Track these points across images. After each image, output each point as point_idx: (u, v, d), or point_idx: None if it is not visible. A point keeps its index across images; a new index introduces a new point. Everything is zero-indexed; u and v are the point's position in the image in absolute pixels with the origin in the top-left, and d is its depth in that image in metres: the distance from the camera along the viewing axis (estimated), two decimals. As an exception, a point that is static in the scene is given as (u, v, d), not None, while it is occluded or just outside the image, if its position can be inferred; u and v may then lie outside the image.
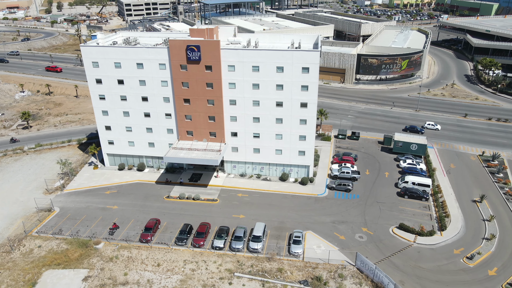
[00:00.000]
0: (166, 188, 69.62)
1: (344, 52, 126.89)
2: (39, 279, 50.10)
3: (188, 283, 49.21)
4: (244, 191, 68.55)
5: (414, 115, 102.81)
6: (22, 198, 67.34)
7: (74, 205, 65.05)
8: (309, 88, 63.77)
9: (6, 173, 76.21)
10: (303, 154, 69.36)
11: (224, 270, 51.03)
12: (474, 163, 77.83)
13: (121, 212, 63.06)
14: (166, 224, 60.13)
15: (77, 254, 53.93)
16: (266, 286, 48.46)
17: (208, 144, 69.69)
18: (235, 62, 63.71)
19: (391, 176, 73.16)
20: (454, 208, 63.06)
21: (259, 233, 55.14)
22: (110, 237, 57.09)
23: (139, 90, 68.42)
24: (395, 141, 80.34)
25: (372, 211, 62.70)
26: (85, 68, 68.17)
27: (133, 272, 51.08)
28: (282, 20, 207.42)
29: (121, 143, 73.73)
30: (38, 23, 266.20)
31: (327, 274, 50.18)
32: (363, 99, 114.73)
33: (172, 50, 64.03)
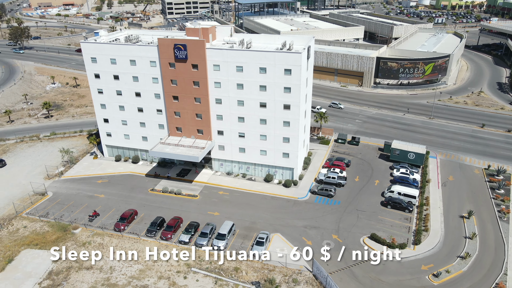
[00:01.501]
0: (153, 181, 72.20)
1: (363, 55, 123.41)
2: (16, 256, 54.35)
3: (146, 273, 51.12)
4: (226, 189, 69.45)
5: (426, 122, 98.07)
6: (24, 182, 72.79)
7: (66, 191, 69.44)
8: (291, 90, 63.31)
9: (18, 157, 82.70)
10: (287, 156, 68.99)
11: (183, 264, 52.38)
12: (476, 177, 73.09)
13: (106, 201, 66.41)
14: (143, 216, 62.55)
15: (55, 236, 57.75)
16: (219, 284, 49.18)
17: (195, 141, 71.33)
18: (219, 61, 64.72)
19: (381, 184, 70.68)
20: (436, 222, 59.87)
21: (224, 232, 55.86)
22: (88, 224, 60.44)
23: (133, 86, 71.49)
24: (392, 148, 77.40)
25: (348, 219, 61.13)
26: (85, 63, 72.41)
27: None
28: (314, 20, 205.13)
29: (118, 135, 77.43)
30: (86, 20, 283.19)
31: (282, 278, 49.89)
32: (378, 103, 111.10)
33: (161, 49, 66.29)
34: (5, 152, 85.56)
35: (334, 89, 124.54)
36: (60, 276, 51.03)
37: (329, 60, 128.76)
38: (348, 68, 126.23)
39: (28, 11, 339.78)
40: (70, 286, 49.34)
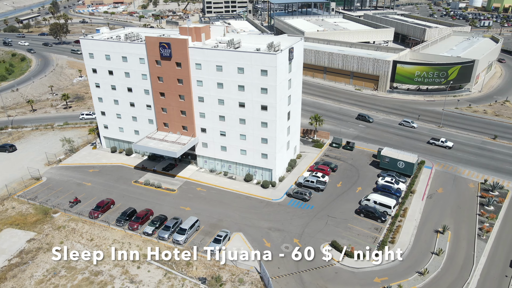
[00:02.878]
0: (140, 173, 75.14)
1: (379, 58, 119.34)
2: (-3, 233, 59.31)
3: (104, 260, 53.65)
4: (204, 186, 70.77)
5: (434, 131, 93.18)
6: (26, 166, 78.67)
7: (58, 178, 74.23)
8: (268, 91, 63.20)
9: (28, 143, 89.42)
10: (266, 157, 68.92)
11: (141, 255, 54.37)
12: (469, 191, 68.64)
13: (90, 189, 70.20)
14: (119, 205, 65.45)
15: (35, 219, 62.15)
16: (167, 276, 50.60)
17: (180, 137, 73.27)
18: (201, 60, 66.02)
19: (362, 192, 68.51)
20: (407, 235, 57.19)
21: (185, 227, 57.16)
22: (68, 209, 64.33)
23: (125, 81, 74.79)
24: (381, 156, 74.65)
25: (316, 224, 60.07)
26: (84, 59, 76.84)
27: (68, 242, 57.35)
28: (345, 21, 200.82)
29: (113, 128, 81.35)
30: (129, 18, 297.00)
31: (229, 277, 50.33)
32: (388, 108, 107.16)
33: (148, 46, 68.83)
34: (20, 138, 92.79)
35: (347, 92, 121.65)
36: (29, 255, 54.99)
37: (344, 63, 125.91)
38: (364, 71, 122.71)
39: (81, 8, 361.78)
40: (34, 265, 53.08)
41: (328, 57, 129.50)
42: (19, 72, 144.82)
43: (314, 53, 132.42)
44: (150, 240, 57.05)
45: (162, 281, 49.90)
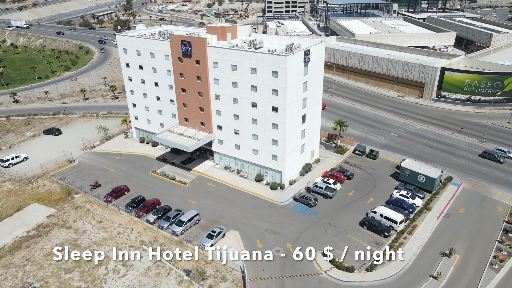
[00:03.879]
0: (159, 164, 78.86)
1: (426, 64, 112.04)
2: (25, 207, 66.12)
3: (107, 241, 57.55)
4: (215, 181, 72.34)
5: (473, 145, 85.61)
6: (65, 149, 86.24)
7: (88, 162, 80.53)
8: (279, 93, 62.86)
9: (72, 128, 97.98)
10: (276, 159, 68.61)
11: (139, 241, 57.44)
12: (495, 214, 62.35)
13: (112, 175, 75.25)
14: (133, 193, 69.41)
15: (58, 197, 68.27)
16: (157, 264, 52.90)
17: (198, 133, 75.63)
18: (218, 59, 67.50)
19: (373, 203, 65.37)
20: (408, 254, 53.63)
21: (184, 219, 59.13)
22: (88, 192, 69.69)
23: (152, 76, 78.87)
24: (402, 168, 70.50)
25: (315, 231, 58.70)
26: (119, 53, 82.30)
27: (80, 221, 62.29)
28: (405, 24, 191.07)
29: (142, 119, 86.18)
30: (193, 16, 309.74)
31: (213, 272, 51.29)
32: (430, 118, 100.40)
33: (172, 44, 71.89)
34: (67, 123, 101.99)
35: (388, 99, 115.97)
36: (45, 229, 60.69)
37: (389, 67, 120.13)
38: (409, 77, 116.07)
39: (152, 6, 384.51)
40: (46, 239, 58.50)
41: (372, 61, 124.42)
42: (82, 63, 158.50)
43: (358, 56, 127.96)
44: (150, 228, 59.93)
45: (150, 268, 52.32)
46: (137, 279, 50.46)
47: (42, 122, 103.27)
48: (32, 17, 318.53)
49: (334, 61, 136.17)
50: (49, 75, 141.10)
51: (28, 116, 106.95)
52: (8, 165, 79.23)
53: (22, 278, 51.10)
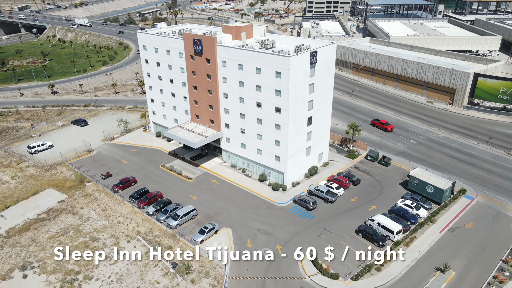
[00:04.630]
0: (170, 159, 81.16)
1: (458, 69, 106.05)
2: (41, 192, 70.77)
3: (106, 229, 60.35)
4: (219, 179, 73.31)
5: (499, 158, 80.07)
6: (88, 139, 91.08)
7: (105, 153, 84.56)
8: (281, 94, 62.54)
9: (98, 121, 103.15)
10: (278, 159, 68.30)
11: (135, 231, 59.68)
12: (506, 232, 58.09)
13: (124, 167, 78.54)
14: (140, 185, 72.09)
15: (72, 184, 72.40)
16: (147, 254, 54.67)
17: (207, 130, 77.00)
18: (226, 58, 68.30)
19: (375, 211, 63.23)
20: (399, 267, 51.47)
21: (180, 213, 60.61)
22: (99, 181, 73.29)
23: (168, 73, 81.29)
24: (410, 177, 67.59)
25: (307, 235, 57.90)
26: (140, 50, 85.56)
27: (87, 209, 65.74)
28: (448, 26, 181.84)
29: (159, 114, 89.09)
30: (233, 14, 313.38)
31: (199, 267, 52.23)
32: (457, 127, 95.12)
33: (185, 42, 73.69)
34: (95, 115, 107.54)
35: (416, 104, 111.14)
36: (54, 213, 64.68)
37: (419, 71, 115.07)
38: (439, 83, 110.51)
39: (197, 5, 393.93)
40: (53, 223, 62.33)
41: (401, 64, 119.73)
42: (119, 58, 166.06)
43: (388, 59, 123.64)
44: (148, 220, 62.02)
45: (141, 258, 54.17)
46: (126, 267, 52.53)
47: (72, 113, 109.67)
48: (86, 14, 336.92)
49: (363, 63, 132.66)
50: (87, 69, 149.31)
51: (61, 107, 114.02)
52: (34, 151, 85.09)
53: (25, 257, 54.91)
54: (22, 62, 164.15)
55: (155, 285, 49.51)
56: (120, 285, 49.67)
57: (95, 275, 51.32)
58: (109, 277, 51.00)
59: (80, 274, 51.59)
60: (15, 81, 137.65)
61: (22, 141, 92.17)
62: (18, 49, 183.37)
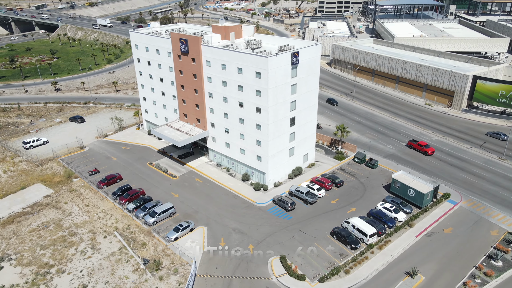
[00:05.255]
0: (158, 157, 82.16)
1: (457, 71, 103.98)
2: (29, 186, 72.69)
3: (85, 224, 61.60)
4: (203, 177, 73.86)
5: (490, 162, 78.28)
6: (82, 136, 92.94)
7: (96, 149, 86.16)
8: (261, 94, 62.61)
9: (95, 118, 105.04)
10: (260, 159, 68.39)
11: (113, 226, 60.75)
12: (485, 238, 56.82)
13: (113, 163, 79.88)
14: (125, 181, 73.23)
15: (59, 179, 74.07)
16: (121, 251, 55.62)
17: (193, 128, 77.67)
18: (210, 58, 68.76)
19: (355, 213, 62.74)
20: (369, 270, 50.95)
21: (157, 211, 61.37)
22: (86, 177, 74.77)
23: (158, 72, 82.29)
24: (393, 180, 66.77)
25: (281, 236, 57.85)
26: (132, 49, 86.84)
27: (70, 204, 67.22)
28: (458, 27, 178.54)
29: (151, 113, 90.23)
30: (244, 14, 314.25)
31: (169, 264, 52.84)
32: (452, 130, 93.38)
33: (172, 42, 74.49)
34: (93, 112, 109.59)
35: (413, 106, 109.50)
36: (39, 208, 66.32)
37: (418, 73, 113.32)
38: (438, 85, 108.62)
39: (210, 4, 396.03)
40: (36, 217, 63.93)
41: (401, 66, 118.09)
42: (124, 57, 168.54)
43: (388, 60, 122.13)
44: (128, 216, 62.99)
45: (114, 253, 55.16)
46: (99, 262, 53.54)
47: (72, 110, 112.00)
48: (100, 13, 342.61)
49: (361, 64, 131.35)
50: (92, 67, 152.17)
51: (62, 104, 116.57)
52: (29, 147, 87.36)
53: (4, 249, 56.54)
54: (31, 59, 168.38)
55: (124, 281, 50.34)
56: (90, 279, 50.68)
57: (67, 269, 52.48)
58: (81, 271, 52.08)
59: (54, 267, 52.83)
60: (21, 78, 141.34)
61: (20, 136, 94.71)
62: (29, 46, 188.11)
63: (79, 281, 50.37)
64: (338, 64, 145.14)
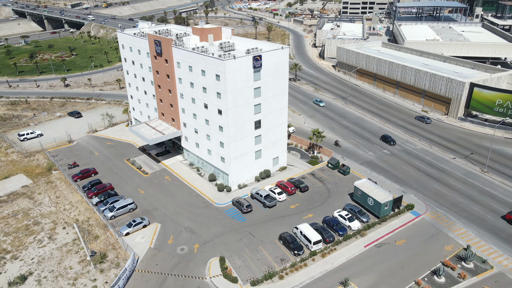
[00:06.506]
0: (137, 153, 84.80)
1: (453, 78, 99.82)
2: (12, 176, 77.31)
3: (50, 215, 64.90)
4: (173, 176, 75.58)
5: (471, 174, 74.92)
6: (74, 130, 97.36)
7: (84, 144, 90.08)
8: (221, 96, 63.38)
9: (92, 114, 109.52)
10: (223, 161, 69.19)
11: (74, 218, 63.63)
12: (436, 253, 54.69)
13: (94, 158, 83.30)
14: (100, 176, 76.29)
15: (40, 171, 78.26)
16: (74, 242, 58.24)
17: (168, 127, 79.61)
18: (180, 59, 70.28)
19: (311, 219, 62.21)
20: (303, 277, 50.56)
21: (116, 206, 63.68)
22: (65, 170, 78.51)
23: (140, 72, 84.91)
24: (355, 187, 65.57)
25: (229, 237, 58.41)
26: (120, 49, 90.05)
27: (43, 194, 70.96)
28: (479, 31, 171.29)
29: (137, 110, 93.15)
30: (266, 14, 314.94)
31: (113, 257, 54.86)
32: (442, 139, 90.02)
33: (149, 43, 76.68)
34: (92, 108, 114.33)
35: (408, 113, 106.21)
36: (14, 197, 70.46)
37: (417, 79, 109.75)
38: (435, 91, 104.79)
39: (237, 4, 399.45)
40: (9, 205, 68.02)
41: (401, 70, 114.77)
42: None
43: (388, 64, 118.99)
44: (90, 210, 65.75)
45: (67, 244, 57.89)
46: (50, 252, 56.42)
47: (74, 105, 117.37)
48: (132, 12, 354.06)
49: (366, 68, 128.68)
50: (103, 64, 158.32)
51: (66, 99, 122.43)
52: (23, 139, 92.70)
53: (-29, 233, 60.80)
54: (51, 55, 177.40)
55: (67, 271, 52.83)
56: (38, 267, 53.57)
57: (21, 256, 55.70)
58: (32, 259, 55.12)
59: (10, 253, 56.22)
60: (37, 73, 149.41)
61: (20, 128, 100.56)
62: (52, 43, 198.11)
63: (27, 268, 53.36)
64: (342, 67, 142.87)
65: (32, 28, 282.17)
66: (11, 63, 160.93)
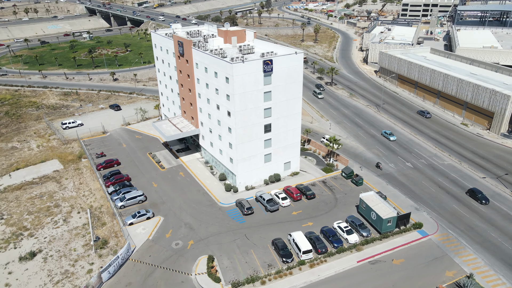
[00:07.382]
0: (160, 148, 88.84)
1: (498, 90, 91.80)
2: (48, 160, 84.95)
3: (70, 200, 70.53)
4: (187, 172, 78.22)
5: (498, 197, 68.72)
6: (111, 122, 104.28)
7: (115, 135, 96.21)
8: (230, 98, 64.46)
9: (131, 107, 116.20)
10: (232, 161, 70.29)
11: (89, 205, 68.56)
12: (434, 278, 51.23)
13: (122, 150, 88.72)
14: (122, 167, 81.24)
15: (71, 158, 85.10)
16: (84, 227, 62.83)
17: (188, 125, 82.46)
18: (198, 60, 72.50)
19: (310, 228, 61.28)
20: (286, 284, 50.10)
21: (127, 196, 67.55)
22: (92, 159, 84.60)
23: (167, 70, 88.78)
24: (360, 199, 63.33)
25: (224, 238, 59.45)
26: (153, 48, 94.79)
27: (69, 180, 77.19)
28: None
29: (166, 107, 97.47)
30: (320, 15, 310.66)
31: (113, 245, 58.41)
32: (476, 156, 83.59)
33: (174, 43, 79.94)
34: (133, 102, 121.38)
35: (444, 125, 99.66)
36: (45, 179, 77.47)
37: (459, 89, 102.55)
38: (478, 104, 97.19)
39: (294, 4, 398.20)
40: (38, 187, 74.94)
41: (443, 79, 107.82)
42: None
43: (430, 72, 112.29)
44: (105, 198, 70.40)
45: (78, 228, 62.69)
46: (62, 233, 61.48)
47: (117, 99, 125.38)
48: (192, 11, 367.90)
49: (407, 75, 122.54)
50: (151, 61, 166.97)
51: (111, 92, 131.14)
52: (65, 127, 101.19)
53: (2, 210, 67.95)
54: (108, 51, 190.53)
55: (71, 252, 57.28)
56: (47, 246, 58.69)
57: (36, 234, 61.37)
58: (45, 238, 60.49)
59: (28, 231, 62.17)
60: (92, 67, 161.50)
61: (66, 117, 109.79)
62: (111, 40, 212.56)
63: (39, 246, 58.69)
64: (384, 72, 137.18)
65: (100, 25, 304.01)
66: (72, 57, 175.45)
